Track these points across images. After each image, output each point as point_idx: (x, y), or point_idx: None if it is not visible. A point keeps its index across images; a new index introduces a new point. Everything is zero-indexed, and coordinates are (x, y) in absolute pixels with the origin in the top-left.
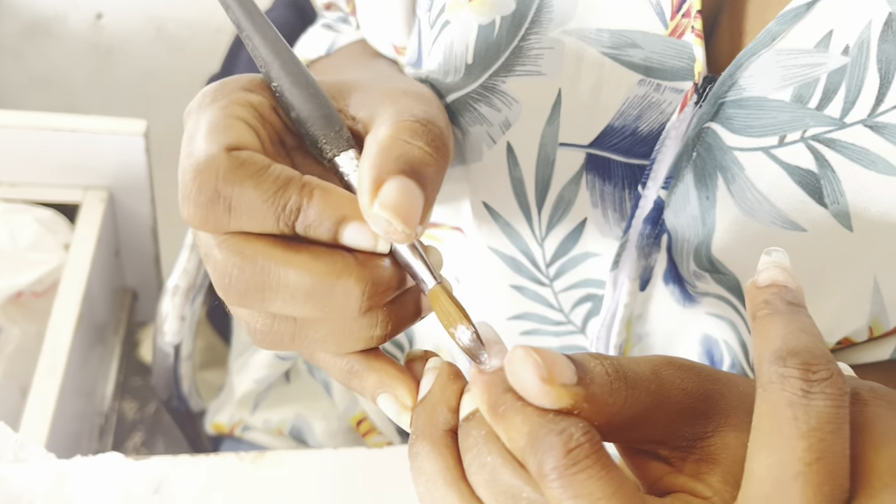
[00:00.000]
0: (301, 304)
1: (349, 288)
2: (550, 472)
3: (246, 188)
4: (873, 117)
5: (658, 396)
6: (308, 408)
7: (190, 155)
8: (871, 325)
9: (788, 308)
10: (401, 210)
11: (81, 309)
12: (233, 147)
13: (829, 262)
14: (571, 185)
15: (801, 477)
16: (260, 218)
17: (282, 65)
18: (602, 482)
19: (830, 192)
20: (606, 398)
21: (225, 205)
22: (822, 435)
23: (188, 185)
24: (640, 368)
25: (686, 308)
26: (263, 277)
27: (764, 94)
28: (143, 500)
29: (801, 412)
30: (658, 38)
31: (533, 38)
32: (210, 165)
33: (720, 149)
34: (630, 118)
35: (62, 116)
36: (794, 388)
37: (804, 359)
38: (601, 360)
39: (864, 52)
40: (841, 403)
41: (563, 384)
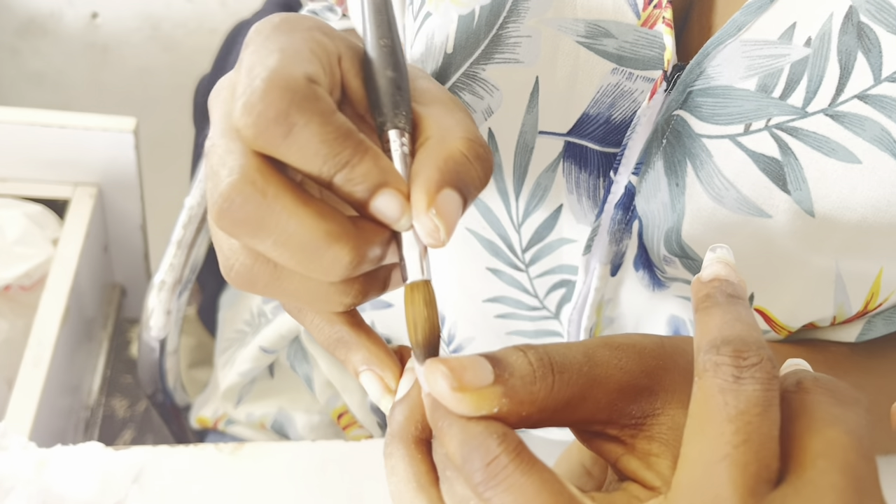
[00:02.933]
0: (290, 254)
1: (341, 255)
2: (478, 486)
3: (313, 122)
4: (833, 107)
5: (592, 377)
6: (290, 401)
7: (267, 67)
8: (836, 313)
9: (727, 300)
10: (451, 222)
11: (68, 303)
12: (312, 79)
13: (793, 248)
14: (548, 172)
15: (728, 459)
16: (310, 156)
17: (391, 24)
18: (523, 489)
19: (794, 179)
20: (530, 387)
21: (287, 128)
22: (748, 418)
23: (257, 94)
24: (570, 353)
25: (655, 293)
26: (265, 215)
27: (730, 84)
28: (122, 488)
29: (730, 397)
30: (631, 28)
31: (511, 26)
32: (288, 85)
33: (689, 136)
34: (604, 106)
35: (52, 113)
36: (726, 375)
37: (736, 346)
38: (525, 352)
39: (826, 43)
40: (769, 387)
41: (477, 388)
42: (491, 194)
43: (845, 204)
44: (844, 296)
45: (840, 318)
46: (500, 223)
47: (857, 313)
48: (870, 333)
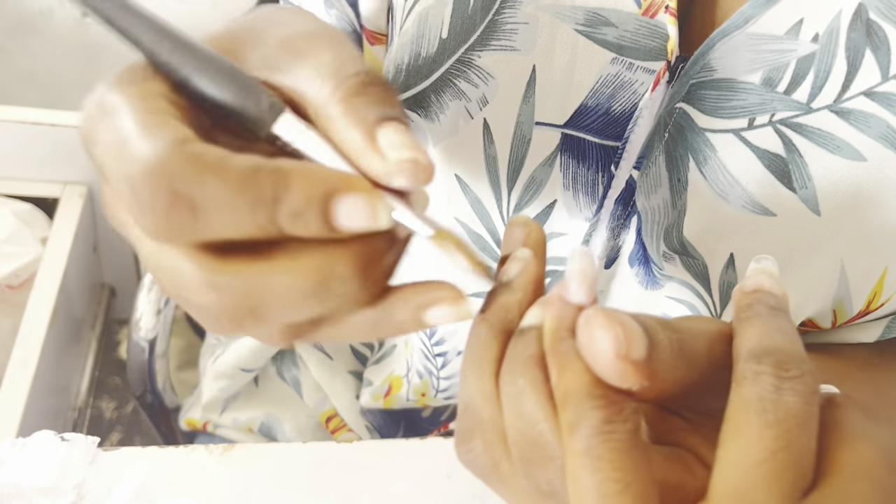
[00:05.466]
0: (304, 309)
1: (345, 273)
2: (585, 428)
3: (210, 182)
4: (839, 103)
5: (704, 374)
6: (277, 408)
7: (130, 159)
8: (835, 308)
9: (769, 311)
10: (413, 146)
11: (57, 303)
12: (180, 142)
13: (797, 247)
14: (545, 166)
15: (766, 464)
16: (232, 216)
17: (172, 45)
18: (628, 457)
19: (799, 177)
20: (664, 376)
21: (188, 208)
22: (788, 426)
23: (140, 191)
24: (698, 344)
25: (648, 291)
26: (250, 299)
27: (734, 77)
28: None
29: (769, 405)
30: (631, 16)
31: (507, 12)
32: (163, 164)
33: (692, 130)
34: (603, 97)
35: (42, 111)
36: (766, 384)
37: (777, 357)
38: (668, 332)
39: (834, 40)
40: (810, 401)
41: (635, 360)
42: (483, 186)
43: (851, 202)
44: (846, 292)
45: (842, 317)
46: (489, 217)
47: (858, 312)
48: (890, 334)
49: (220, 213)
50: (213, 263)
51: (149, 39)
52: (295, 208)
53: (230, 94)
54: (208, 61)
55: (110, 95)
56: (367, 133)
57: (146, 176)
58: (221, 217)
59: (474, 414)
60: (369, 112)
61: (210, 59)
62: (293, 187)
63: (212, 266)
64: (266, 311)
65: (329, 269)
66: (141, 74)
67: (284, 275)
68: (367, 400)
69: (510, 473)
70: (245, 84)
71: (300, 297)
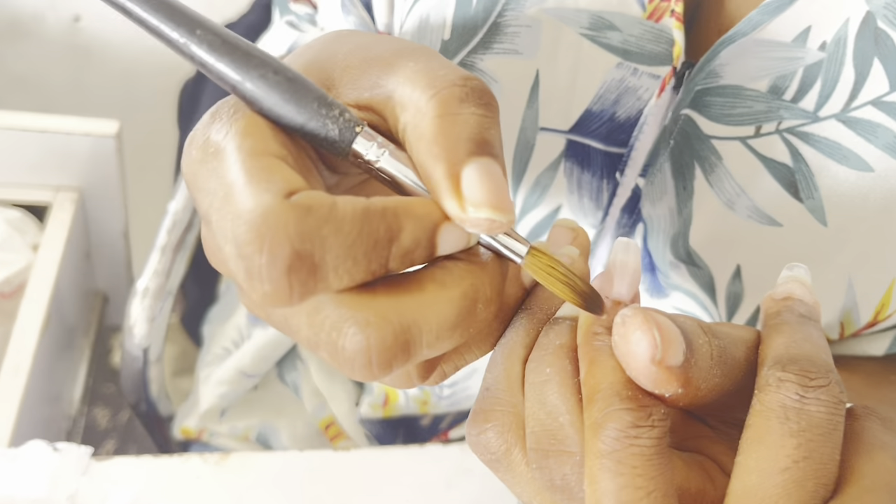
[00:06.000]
0: (453, 338)
1: (489, 297)
2: (611, 430)
3: (327, 237)
4: (846, 112)
5: (739, 383)
6: (274, 413)
7: (237, 218)
8: (843, 320)
9: (798, 319)
10: (495, 200)
11: (49, 310)
12: (289, 192)
13: (804, 258)
14: (549, 171)
15: (787, 472)
16: (350, 268)
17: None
18: (652, 465)
19: (805, 187)
20: (700, 384)
21: (308, 266)
22: (811, 436)
23: (252, 258)
24: (737, 352)
25: (654, 299)
26: (407, 333)
27: (741, 83)
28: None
29: (793, 414)
30: (636, 20)
31: (510, 14)
32: (275, 223)
33: (697, 137)
34: (608, 103)
35: (33, 116)
36: (790, 392)
37: (803, 366)
38: (709, 338)
39: (841, 48)
40: (835, 411)
41: (670, 367)
42: None
43: (858, 213)
44: (853, 303)
45: (849, 328)
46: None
47: (866, 324)
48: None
49: (338, 267)
50: (363, 300)
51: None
52: (407, 247)
53: (304, 111)
54: (276, 77)
55: (214, 134)
56: (452, 173)
57: (255, 238)
58: (339, 270)
59: (495, 396)
60: (459, 143)
61: (278, 73)
62: (405, 229)
63: (362, 303)
64: (418, 345)
65: (476, 293)
66: (241, 108)
67: (439, 304)
68: (366, 410)
69: (521, 462)
70: (318, 98)
71: (451, 325)
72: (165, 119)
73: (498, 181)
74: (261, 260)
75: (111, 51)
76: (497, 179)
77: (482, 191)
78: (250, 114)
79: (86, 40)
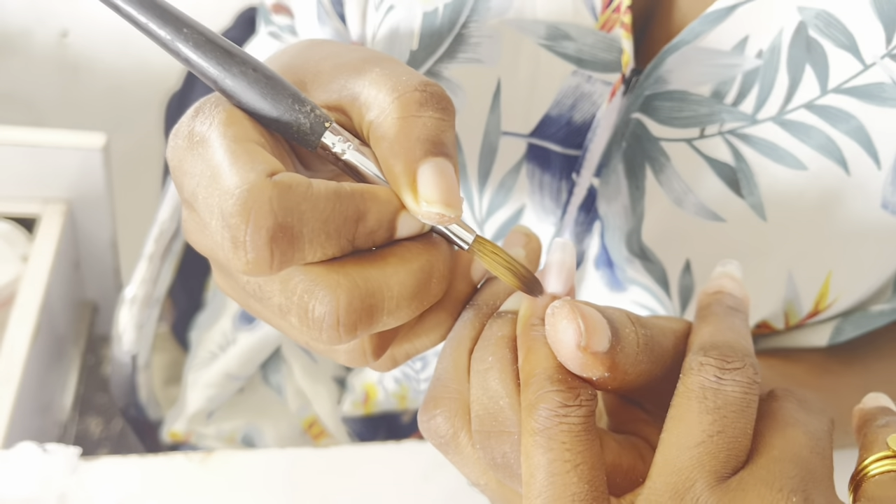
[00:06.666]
0: (410, 308)
1: (442, 273)
2: (543, 410)
3: (304, 212)
4: (782, 115)
5: (668, 370)
6: (260, 415)
7: (224, 193)
8: (786, 310)
9: (726, 311)
10: (445, 197)
11: (39, 320)
12: (271, 173)
13: (746, 251)
14: (512, 173)
15: (702, 445)
16: (323, 241)
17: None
18: (579, 440)
19: (746, 185)
20: (627, 369)
21: (289, 237)
22: (725, 413)
23: (238, 228)
24: (665, 340)
25: (614, 294)
26: (372, 298)
27: (686, 89)
28: (63, 482)
29: (710, 394)
30: (589, 31)
31: (473, 25)
32: (259, 197)
33: (648, 139)
34: (565, 108)
35: (21, 130)
36: (709, 375)
37: (723, 351)
38: (635, 328)
39: (776, 56)
40: (748, 390)
41: (595, 352)
42: None
43: (794, 209)
44: (794, 294)
45: (793, 318)
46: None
47: (808, 314)
48: (840, 337)
49: (313, 239)
50: (333, 268)
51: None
52: (371, 227)
53: (279, 106)
54: (256, 74)
55: (198, 125)
56: (409, 170)
57: (241, 210)
58: (314, 243)
59: (443, 384)
60: (417, 144)
61: (257, 70)
62: (370, 210)
63: (332, 270)
64: (381, 311)
65: (431, 269)
66: (223, 103)
67: (400, 274)
68: (348, 408)
69: (467, 444)
70: (292, 95)
71: (410, 295)
72: (152, 131)
73: (450, 179)
74: (247, 230)
75: (99, 65)
76: (449, 178)
77: (435, 188)
78: (231, 107)
79: (73, 55)
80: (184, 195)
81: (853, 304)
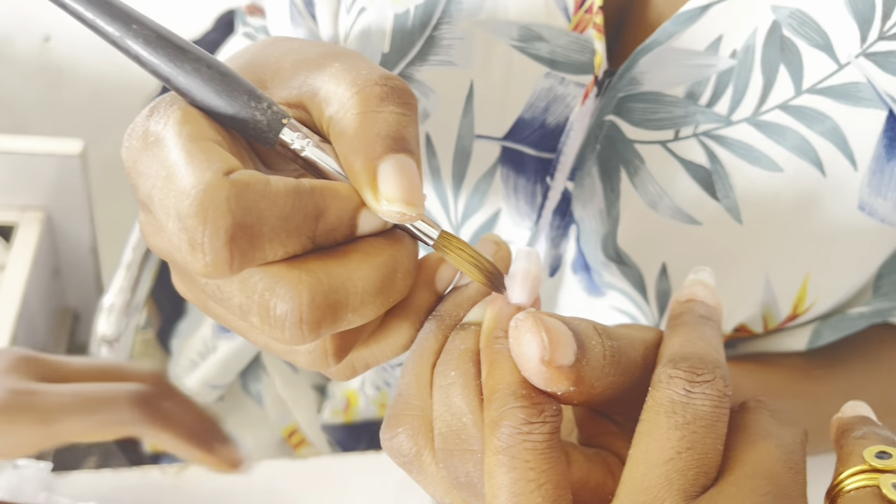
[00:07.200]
0: (375, 305)
1: (408, 268)
2: (505, 427)
3: (263, 210)
4: (757, 116)
5: (638, 382)
6: (240, 423)
7: (180, 193)
8: (764, 314)
9: (697, 320)
10: (406, 194)
11: (16, 329)
12: (228, 171)
13: (723, 254)
14: (487, 176)
15: (671, 462)
16: (283, 239)
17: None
18: (543, 458)
19: (721, 188)
20: (593, 382)
21: (248, 237)
22: (695, 428)
23: (195, 229)
24: (633, 352)
25: (592, 298)
26: (335, 294)
27: (660, 90)
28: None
29: (679, 408)
30: (562, 32)
31: (444, 27)
32: (216, 197)
33: (622, 141)
34: (538, 111)
35: None
36: (678, 388)
37: (692, 363)
38: (602, 339)
39: (750, 56)
40: (719, 404)
41: (560, 366)
42: (430, 197)
43: (770, 211)
44: (772, 298)
45: (772, 322)
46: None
47: (787, 317)
48: (819, 341)
49: (273, 238)
50: (294, 265)
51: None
52: (331, 224)
53: (235, 103)
54: (210, 71)
55: (153, 125)
56: (369, 167)
57: (198, 211)
58: (275, 242)
59: (406, 401)
60: (378, 140)
61: (211, 67)
62: (330, 207)
63: (293, 267)
64: (345, 308)
65: (395, 263)
66: (178, 101)
67: (364, 269)
68: (328, 415)
69: (431, 463)
70: (247, 91)
71: (375, 290)
72: None
73: (411, 177)
74: (204, 231)
75: (82, 70)
76: (410, 175)
77: (395, 186)
78: (186, 105)
79: (56, 60)
80: (140, 196)
81: (832, 307)
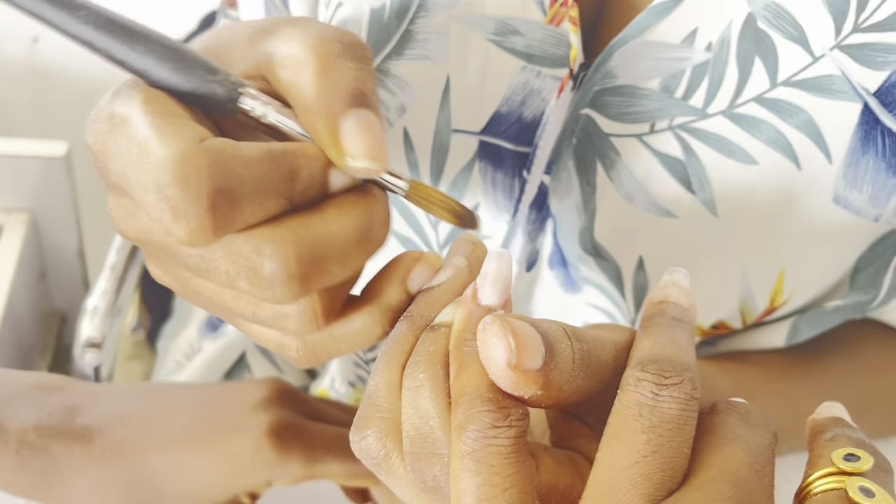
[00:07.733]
0: (356, 257)
1: (384, 219)
2: (471, 432)
3: (241, 174)
4: (732, 109)
5: (609, 384)
6: None
7: (156, 165)
8: (742, 308)
9: (668, 322)
10: (370, 150)
11: (1, 332)
12: (201, 139)
13: (699, 248)
14: (465, 171)
15: (636, 466)
16: (262, 201)
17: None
18: (508, 463)
19: (697, 180)
20: (562, 385)
21: (228, 200)
22: (661, 431)
23: (177, 197)
24: (604, 354)
25: (568, 294)
26: (319, 248)
27: (635, 83)
28: None
29: (646, 411)
30: (538, 25)
31: (420, 21)
32: (195, 163)
33: (598, 135)
34: (515, 104)
35: None
36: (645, 391)
37: (661, 365)
38: (571, 342)
39: (726, 48)
40: (686, 407)
41: (527, 370)
42: None
43: (746, 204)
44: (749, 291)
45: (749, 317)
46: (416, 220)
47: (764, 311)
48: (797, 337)
49: (252, 200)
50: (275, 224)
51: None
52: (306, 184)
53: (192, 78)
54: (163, 49)
55: (118, 107)
56: (330, 126)
57: (177, 179)
58: (253, 204)
59: (375, 403)
60: (337, 97)
61: (165, 46)
62: (302, 167)
63: (275, 225)
64: (328, 259)
65: (371, 214)
66: (139, 83)
67: (342, 222)
68: None
69: (400, 466)
70: (202, 65)
71: (355, 241)
72: None
73: (373, 131)
74: (186, 198)
75: (70, 71)
76: (372, 130)
77: (358, 142)
78: (148, 86)
79: (44, 61)
80: (111, 178)
81: (809, 301)
